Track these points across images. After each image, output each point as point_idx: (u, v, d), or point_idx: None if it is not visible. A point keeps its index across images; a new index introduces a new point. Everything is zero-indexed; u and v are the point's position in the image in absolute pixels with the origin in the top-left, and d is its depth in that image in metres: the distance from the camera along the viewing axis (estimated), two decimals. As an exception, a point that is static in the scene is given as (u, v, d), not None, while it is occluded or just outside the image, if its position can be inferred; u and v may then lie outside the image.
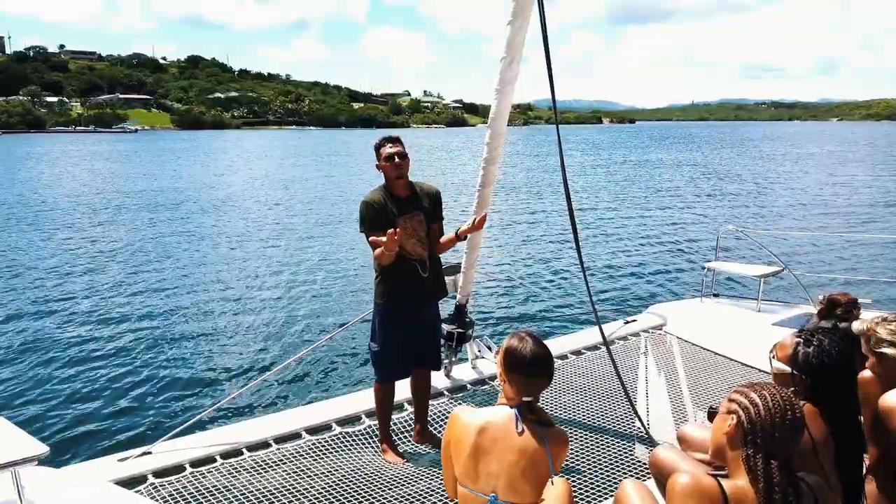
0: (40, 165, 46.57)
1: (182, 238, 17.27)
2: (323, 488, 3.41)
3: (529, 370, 2.20)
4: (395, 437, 3.98)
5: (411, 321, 3.76)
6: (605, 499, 3.27)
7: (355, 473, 3.59)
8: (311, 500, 3.32)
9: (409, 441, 4.01)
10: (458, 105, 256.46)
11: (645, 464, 3.73)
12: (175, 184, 32.55)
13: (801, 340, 2.39)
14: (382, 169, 3.68)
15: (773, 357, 2.46)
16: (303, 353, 5.26)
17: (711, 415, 2.05)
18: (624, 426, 4.14)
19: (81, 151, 65.72)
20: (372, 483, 3.50)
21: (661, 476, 2.67)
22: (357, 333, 8.53)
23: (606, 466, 3.64)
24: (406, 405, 4.29)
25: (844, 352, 2.38)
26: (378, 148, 3.70)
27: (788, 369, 2.39)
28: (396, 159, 3.62)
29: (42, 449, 2.53)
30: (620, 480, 3.37)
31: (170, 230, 18.55)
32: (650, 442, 3.83)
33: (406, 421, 4.18)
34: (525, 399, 2.21)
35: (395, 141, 3.69)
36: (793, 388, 2.36)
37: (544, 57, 3.56)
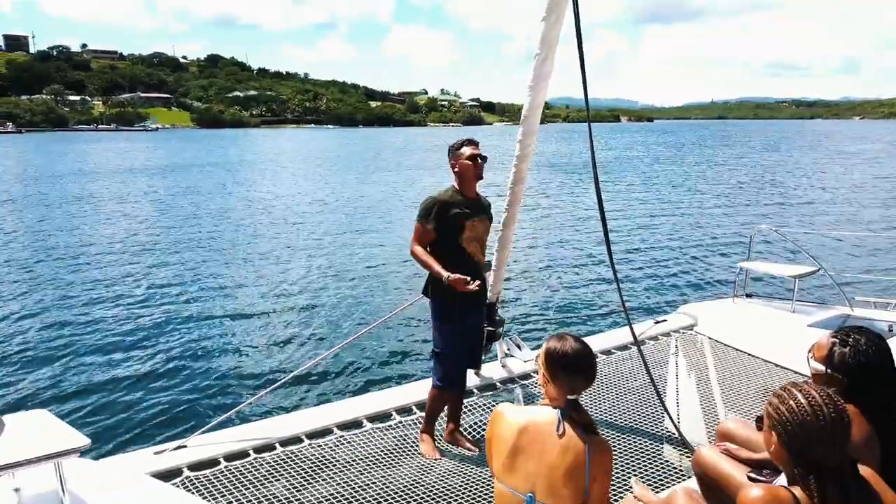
0: (81, 162, 47.40)
1: (220, 235, 17.46)
2: (353, 484, 3.42)
3: (573, 368, 2.19)
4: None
5: (472, 317, 3.82)
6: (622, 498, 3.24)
7: (385, 469, 3.59)
8: (341, 495, 3.33)
9: (440, 438, 4.00)
10: (475, 104, 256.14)
11: (673, 465, 3.69)
12: (209, 181, 33.02)
13: (837, 341, 2.36)
14: (461, 169, 3.71)
15: (811, 357, 2.43)
16: (335, 349, 5.28)
17: (759, 423, 2.01)
18: (652, 427, 4.10)
19: (114, 149, 66.83)
20: (403, 479, 3.51)
21: (705, 476, 2.64)
22: (389, 329, 8.58)
23: (634, 467, 3.61)
24: None
25: (882, 351, 2.34)
26: (457, 149, 3.74)
27: (825, 369, 2.36)
28: (479, 160, 3.69)
29: (84, 441, 2.57)
30: (646, 481, 3.36)
31: (207, 227, 18.79)
32: (681, 443, 3.79)
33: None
34: (569, 398, 2.20)
35: (475, 143, 3.76)
36: (831, 390, 2.33)
37: (577, 53, 3.51)
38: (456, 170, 3.74)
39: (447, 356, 3.76)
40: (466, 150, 3.71)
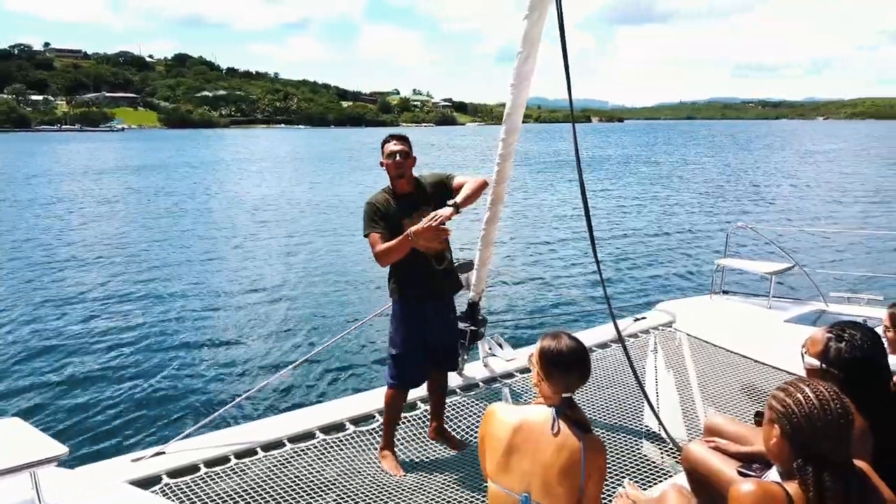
0: (47, 164, 46.39)
1: (195, 239, 17.18)
2: (337, 487, 3.38)
3: (568, 367, 2.18)
4: (411, 434, 3.96)
5: (433, 317, 3.66)
6: (610, 495, 3.24)
7: (369, 472, 3.56)
8: (325, 499, 3.29)
9: (425, 437, 3.97)
10: (447, 104, 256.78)
11: (658, 462, 3.72)
12: (183, 182, 32.51)
13: (833, 336, 2.36)
14: (385, 166, 3.56)
15: (805, 353, 2.43)
16: (316, 351, 5.22)
17: (758, 419, 2.01)
18: (635, 424, 4.13)
19: (80, 150, 65.56)
20: (389, 481, 3.48)
21: (695, 471, 2.66)
22: (369, 331, 8.51)
23: (620, 464, 3.62)
24: (419, 403, 4.25)
25: (876, 345, 2.37)
26: (383, 145, 3.58)
27: (820, 364, 2.37)
28: (398, 157, 3.49)
29: (61, 449, 2.49)
30: (632, 478, 3.37)
31: (182, 230, 18.47)
32: (665, 440, 3.81)
33: (420, 418, 4.14)
34: (564, 395, 2.19)
35: (400, 139, 3.57)
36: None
37: (561, 51, 3.47)
38: (383, 167, 3.59)
39: (400, 356, 3.66)
40: (385, 148, 3.54)
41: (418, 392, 4.14)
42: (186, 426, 3.96)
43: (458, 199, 3.40)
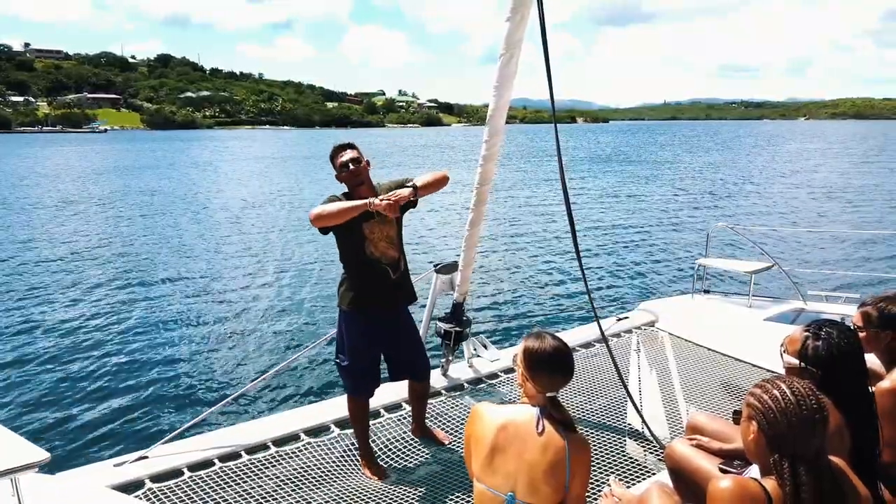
0: (29, 166, 45.94)
1: (174, 244, 16.95)
2: (322, 490, 3.38)
3: (552, 366, 2.20)
4: (395, 435, 3.96)
5: (384, 328, 3.60)
6: (595, 496, 3.26)
7: (354, 474, 3.56)
8: (310, 501, 3.28)
9: (410, 438, 3.97)
10: (433, 105, 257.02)
11: (640, 460, 3.74)
12: (161, 186, 32.12)
13: (810, 334, 2.39)
14: (342, 180, 3.50)
15: (784, 352, 2.47)
16: (300, 353, 5.20)
17: (736, 417, 2.04)
18: (618, 423, 4.15)
19: (63, 152, 64.82)
20: (376, 483, 3.47)
21: (678, 469, 2.68)
22: None
23: (603, 463, 3.64)
24: (404, 404, 4.26)
25: (853, 343, 2.40)
26: (332, 159, 3.50)
27: (798, 362, 2.40)
28: (351, 166, 3.44)
29: (42, 455, 2.47)
30: (610, 475, 3.40)
31: (161, 236, 18.23)
32: (648, 438, 3.84)
33: (405, 418, 4.15)
34: (549, 395, 2.21)
35: (347, 147, 3.51)
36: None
37: (543, 53, 3.50)
38: (340, 181, 3.50)
39: (348, 367, 3.60)
40: (338, 160, 3.48)
41: (402, 393, 4.15)
42: (169, 430, 3.93)
43: (418, 182, 3.39)
